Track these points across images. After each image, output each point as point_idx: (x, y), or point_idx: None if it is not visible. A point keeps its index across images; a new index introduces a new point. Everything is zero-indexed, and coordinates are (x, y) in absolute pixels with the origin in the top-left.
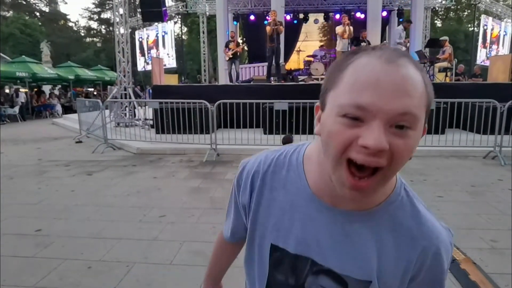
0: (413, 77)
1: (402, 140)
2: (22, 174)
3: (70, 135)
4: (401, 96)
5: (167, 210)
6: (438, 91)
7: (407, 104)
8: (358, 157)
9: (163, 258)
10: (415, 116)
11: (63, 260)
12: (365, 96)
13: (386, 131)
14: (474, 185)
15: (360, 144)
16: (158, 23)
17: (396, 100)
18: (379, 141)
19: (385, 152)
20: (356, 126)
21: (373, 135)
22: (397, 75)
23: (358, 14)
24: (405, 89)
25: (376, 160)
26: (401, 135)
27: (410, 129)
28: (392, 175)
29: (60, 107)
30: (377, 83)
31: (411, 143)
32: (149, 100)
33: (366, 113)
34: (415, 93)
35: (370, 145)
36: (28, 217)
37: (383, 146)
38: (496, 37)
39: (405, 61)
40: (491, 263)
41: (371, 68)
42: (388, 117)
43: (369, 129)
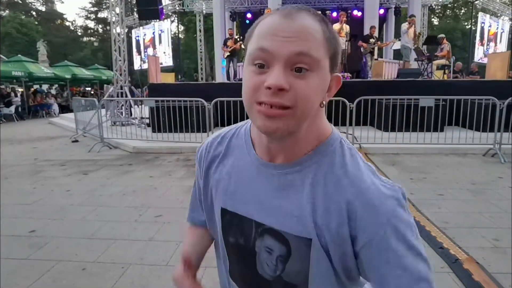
0: (309, 26)
1: (303, 81)
2: (17, 174)
3: (66, 134)
4: (295, 40)
5: (163, 210)
6: (437, 89)
7: (302, 46)
8: (264, 99)
9: (159, 259)
10: (311, 57)
11: (57, 262)
12: (266, 42)
13: (286, 73)
14: (475, 183)
15: (264, 86)
16: (154, 22)
17: (291, 44)
18: (278, 79)
19: (286, 92)
20: (262, 73)
21: (273, 76)
22: (292, 24)
23: (355, 12)
24: (299, 35)
25: (278, 100)
26: (301, 76)
27: (309, 71)
28: (302, 115)
29: (57, 107)
30: (275, 31)
31: (313, 84)
32: (146, 98)
33: (268, 56)
34: (311, 38)
35: (271, 84)
36: (22, 218)
37: (281, 84)
38: (494, 35)
39: (303, 14)
40: (494, 262)
41: (271, 21)
42: (285, 58)
43: (271, 72)
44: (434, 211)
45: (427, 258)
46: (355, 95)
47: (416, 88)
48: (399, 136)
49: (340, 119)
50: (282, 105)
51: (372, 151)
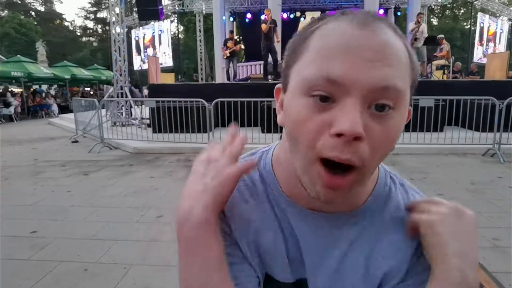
0: (394, 43)
1: (379, 125)
2: (17, 174)
3: (66, 135)
4: (380, 65)
5: (165, 211)
6: (436, 89)
7: (389, 75)
8: (331, 154)
9: (161, 260)
10: (399, 91)
11: (58, 263)
12: (336, 66)
13: (363, 112)
14: (474, 183)
15: (332, 132)
16: (154, 22)
17: (375, 71)
18: (355, 122)
19: (361, 141)
20: (327, 109)
21: (348, 116)
22: (374, 40)
23: None
24: (385, 57)
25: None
26: (382, 117)
27: (393, 109)
28: (373, 170)
29: (56, 107)
30: (350, 50)
31: (394, 128)
32: (146, 99)
33: (337, 89)
34: (398, 63)
35: (345, 131)
36: (23, 219)
37: (359, 130)
38: (493, 35)
39: (382, 25)
40: (494, 261)
41: (341, 33)
42: (366, 92)
43: (343, 109)
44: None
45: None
46: None
47: (415, 88)
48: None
49: None
50: (355, 161)
51: None
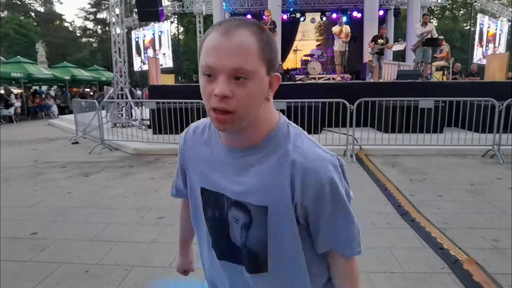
0: (244, 42)
1: (242, 89)
2: (17, 176)
3: (66, 136)
4: (233, 57)
5: (165, 212)
6: (436, 90)
7: (239, 61)
8: (214, 104)
9: (162, 261)
10: (246, 70)
11: (59, 264)
12: (210, 59)
13: (229, 82)
14: (474, 184)
15: (213, 94)
16: (154, 23)
17: (230, 59)
18: (222, 89)
19: (229, 98)
20: (212, 81)
21: (218, 86)
22: (230, 42)
23: (355, 13)
24: (236, 52)
25: (224, 105)
26: (241, 84)
27: (247, 79)
28: (245, 116)
29: (56, 108)
30: (216, 49)
31: (251, 90)
32: (146, 100)
33: (213, 70)
34: (245, 53)
35: (217, 93)
36: (24, 220)
37: (225, 92)
38: (493, 36)
39: (239, 30)
40: (493, 263)
41: (212, 39)
42: (227, 71)
43: (217, 82)
44: (434, 212)
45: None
46: (355, 97)
47: (415, 90)
48: (399, 138)
49: (341, 120)
50: (226, 108)
51: (372, 152)
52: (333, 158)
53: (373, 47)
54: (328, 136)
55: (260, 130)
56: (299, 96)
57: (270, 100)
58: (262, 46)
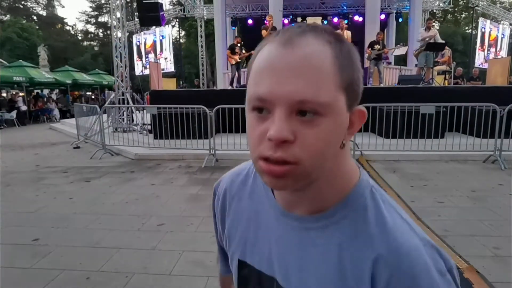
0: (312, 54)
1: (310, 130)
2: (19, 181)
3: (67, 140)
4: (296, 80)
5: (166, 219)
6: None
7: (303, 89)
8: (267, 153)
9: (162, 268)
10: (320, 102)
11: (60, 271)
12: (262, 86)
13: (290, 119)
14: (475, 190)
15: (267, 137)
16: (155, 27)
17: (291, 86)
18: (279, 129)
19: (290, 144)
20: (265, 119)
21: (274, 125)
22: (292, 56)
23: (357, 17)
24: (300, 71)
25: (281, 154)
26: (308, 123)
27: (319, 115)
28: (312, 169)
29: (57, 112)
30: (271, 68)
31: (323, 132)
32: (147, 105)
33: (266, 103)
34: (315, 73)
35: (272, 136)
36: (25, 226)
37: (284, 135)
38: (494, 40)
39: (306, 38)
40: (494, 271)
41: (267, 55)
42: (287, 103)
43: (273, 120)
44: (434, 219)
45: None
46: None
47: (416, 95)
48: (400, 143)
49: None
50: (284, 160)
51: (373, 158)
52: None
53: (370, 53)
54: None
55: (334, 189)
56: None
57: (347, 147)
58: (341, 61)
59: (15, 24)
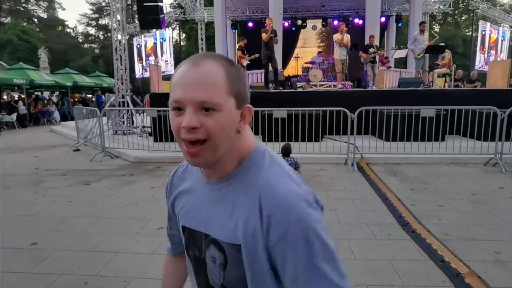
0: (211, 71)
1: (211, 118)
2: (19, 183)
3: (67, 143)
4: (199, 88)
5: (165, 222)
6: (437, 98)
7: (205, 94)
8: (184, 135)
9: (161, 273)
10: (213, 103)
11: (58, 276)
12: (177, 92)
13: (197, 114)
14: (476, 194)
15: (181, 126)
16: (156, 30)
17: (196, 92)
18: (189, 121)
19: (198, 129)
20: (180, 115)
21: (186, 118)
22: (196, 72)
23: (357, 20)
24: (202, 83)
25: (193, 135)
26: (209, 115)
27: (215, 110)
28: (216, 145)
29: (58, 114)
30: (183, 80)
31: (220, 121)
32: (147, 108)
33: (181, 104)
34: (211, 83)
35: (184, 125)
36: (24, 230)
37: (192, 123)
38: (494, 42)
39: (207, 61)
40: (495, 276)
41: (181, 72)
42: (194, 104)
43: (185, 115)
44: (435, 223)
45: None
46: (356, 105)
47: (417, 98)
48: (400, 146)
49: (342, 128)
50: (197, 139)
51: (373, 161)
52: (307, 193)
53: (366, 57)
54: (329, 144)
55: (232, 159)
56: (300, 103)
57: (244, 130)
58: (230, 78)
59: (16, 27)
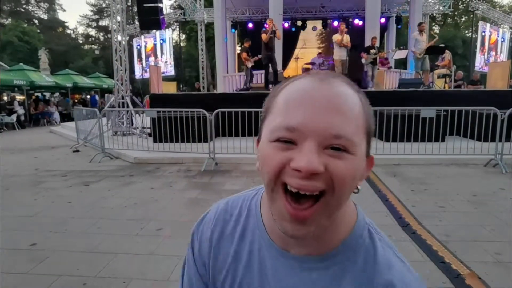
0: (348, 95)
1: (341, 161)
2: (18, 184)
3: (67, 143)
4: (334, 114)
5: (164, 223)
6: (438, 99)
7: (341, 125)
8: (292, 181)
9: (160, 274)
10: (350, 141)
11: (58, 277)
12: (295, 116)
13: (320, 153)
14: (476, 194)
15: (292, 167)
16: (156, 31)
17: (328, 119)
18: (311, 161)
19: (320, 175)
20: (289, 149)
21: (304, 156)
22: (330, 91)
23: (357, 21)
24: (338, 107)
25: (311, 183)
26: (339, 156)
27: (347, 152)
28: (337, 204)
29: (58, 115)
30: (307, 100)
31: (352, 166)
32: (147, 109)
33: (297, 135)
34: (350, 112)
35: (302, 167)
36: (23, 231)
37: (315, 167)
38: (494, 43)
39: (339, 80)
40: (496, 277)
41: (302, 87)
42: (321, 137)
43: (301, 150)
44: (435, 224)
45: None
46: None
47: (417, 98)
48: (400, 147)
49: None
50: (314, 190)
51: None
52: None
53: (367, 58)
54: None
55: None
56: None
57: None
58: (367, 110)
59: (16, 28)
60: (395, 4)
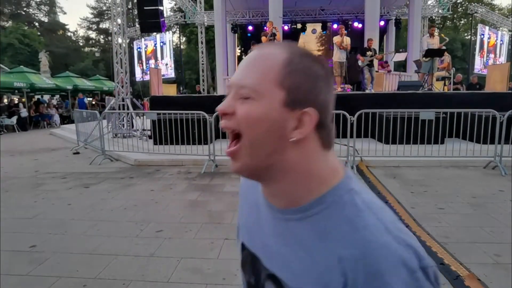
0: (269, 54)
1: (245, 105)
2: (18, 186)
3: (67, 146)
4: (246, 72)
5: (164, 225)
6: (437, 101)
7: (246, 77)
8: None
9: (160, 276)
10: (253, 90)
11: (57, 278)
12: None
13: (235, 100)
14: (475, 196)
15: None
16: (156, 33)
17: (242, 74)
18: (223, 104)
19: (231, 115)
20: None
21: (223, 102)
22: (254, 53)
23: (356, 23)
24: (252, 63)
25: (225, 122)
26: (245, 102)
27: (253, 99)
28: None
29: (58, 117)
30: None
31: (255, 109)
32: (147, 111)
33: (229, 89)
34: (261, 67)
35: (218, 108)
36: (23, 232)
37: (224, 107)
38: (493, 46)
39: (272, 47)
40: (495, 279)
41: None
42: (236, 88)
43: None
44: (435, 226)
45: None
46: (356, 108)
47: (416, 100)
48: (400, 149)
49: (341, 131)
50: (225, 126)
51: (373, 163)
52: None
53: (363, 60)
54: None
55: (302, 187)
56: None
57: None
58: (290, 68)
59: (17, 30)
60: (394, 7)
